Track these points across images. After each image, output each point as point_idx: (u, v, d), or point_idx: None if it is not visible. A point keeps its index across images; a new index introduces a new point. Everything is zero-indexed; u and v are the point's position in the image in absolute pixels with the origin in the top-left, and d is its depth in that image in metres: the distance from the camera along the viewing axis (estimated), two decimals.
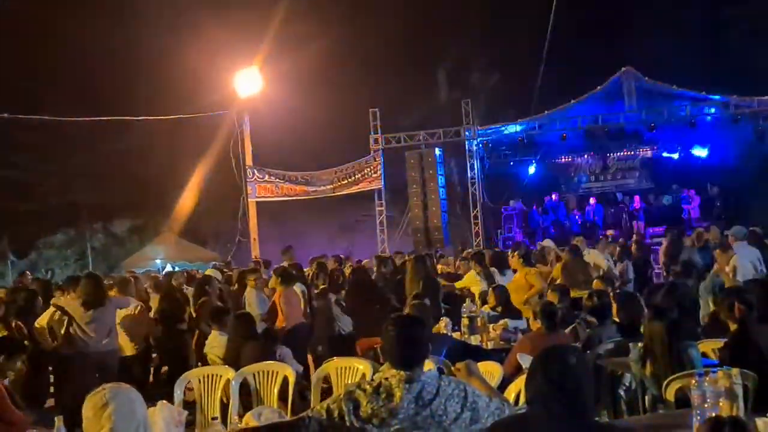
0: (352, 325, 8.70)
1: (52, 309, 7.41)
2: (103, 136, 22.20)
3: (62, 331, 7.13)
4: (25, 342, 6.91)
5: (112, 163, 25.13)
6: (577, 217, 21.44)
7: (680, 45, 21.73)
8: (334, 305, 8.83)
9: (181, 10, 22.39)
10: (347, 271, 11.01)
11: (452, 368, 3.51)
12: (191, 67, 20.82)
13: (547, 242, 12.50)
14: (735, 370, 3.00)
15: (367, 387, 3.01)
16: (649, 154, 22.83)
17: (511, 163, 23.21)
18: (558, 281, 9.09)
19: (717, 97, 19.03)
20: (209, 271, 11.63)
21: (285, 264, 10.72)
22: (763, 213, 18.37)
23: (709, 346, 5.11)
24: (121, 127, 20.09)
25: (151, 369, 8.68)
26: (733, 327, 4.48)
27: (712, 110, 19.55)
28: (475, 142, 19.69)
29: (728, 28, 21.80)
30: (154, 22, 21.74)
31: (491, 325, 7.16)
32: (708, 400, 2.86)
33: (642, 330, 4.85)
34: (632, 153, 22.78)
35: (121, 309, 7.67)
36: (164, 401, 4.47)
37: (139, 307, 8.18)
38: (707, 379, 2.90)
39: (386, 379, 3.01)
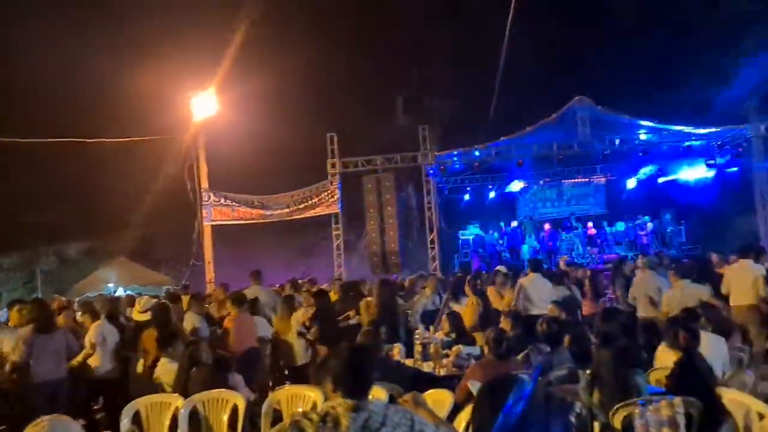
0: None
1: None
2: (57, 157, 21.73)
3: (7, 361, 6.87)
4: None
5: (64, 185, 24.62)
6: (533, 242, 21.72)
7: (633, 75, 22.33)
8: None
9: (137, 33, 22.21)
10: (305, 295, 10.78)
11: (399, 399, 3.49)
12: (147, 89, 20.58)
13: (500, 268, 12.56)
14: (677, 399, 3.04)
15: (314, 416, 2.97)
16: (602, 181, 23.30)
17: (468, 189, 23.45)
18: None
19: (669, 126, 19.51)
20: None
21: (252, 288, 10.59)
22: (715, 239, 18.91)
23: (663, 374, 5.16)
24: (76, 148, 19.71)
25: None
26: (677, 355, 4.55)
27: (665, 140, 20.04)
28: (431, 168, 19.81)
29: (682, 60, 22.49)
30: (110, 44, 21.51)
31: (445, 351, 7.16)
32: (651, 429, 2.89)
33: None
34: (586, 180, 23.23)
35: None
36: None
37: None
38: (650, 408, 2.94)
39: (333, 407, 2.98)
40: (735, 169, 20.39)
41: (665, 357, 5.09)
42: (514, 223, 22.58)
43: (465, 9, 24.83)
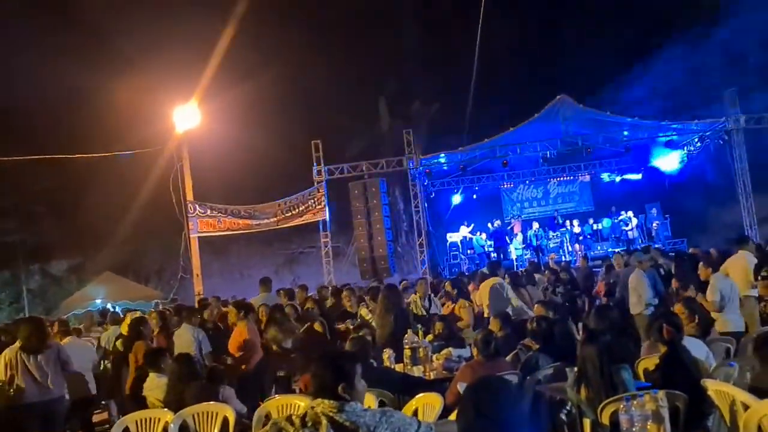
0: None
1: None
2: (38, 174, 21.60)
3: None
4: None
5: (47, 202, 24.47)
6: (521, 241, 21.77)
7: (613, 71, 22.47)
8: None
9: (118, 46, 22.11)
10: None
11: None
12: (129, 102, 20.51)
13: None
14: (661, 393, 3.06)
15: (296, 419, 3.00)
16: (587, 178, 23.44)
17: (455, 191, 23.52)
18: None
19: (648, 122, 19.65)
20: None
21: (261, 296, 10.56)
22: (701, 231, 19.05)
23: (653, 363, 5.16)
24: (58, 164, 19.57)
25: None
26: (662, 349, 4.58)
27: (645, 135, 20.17)
28: (417, 171, 19.84)
29: (657, 55, 22.67)
30: (90, 58, 21.37)
31: (435, 355, 7.17)
32: (636, 424, 2.91)
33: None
34: (571, 178, 23.37)
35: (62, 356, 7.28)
36: None
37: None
38: (634, 403, 2.96)
39: (312, 408, 3.00)
40: (717, 161, 20.54)
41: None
42: (501, 223, 22.64)
43: (443, 12, 24.96)
